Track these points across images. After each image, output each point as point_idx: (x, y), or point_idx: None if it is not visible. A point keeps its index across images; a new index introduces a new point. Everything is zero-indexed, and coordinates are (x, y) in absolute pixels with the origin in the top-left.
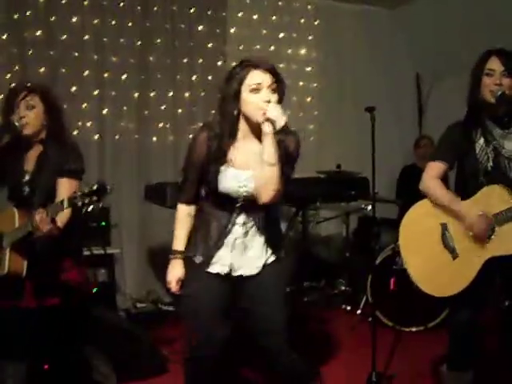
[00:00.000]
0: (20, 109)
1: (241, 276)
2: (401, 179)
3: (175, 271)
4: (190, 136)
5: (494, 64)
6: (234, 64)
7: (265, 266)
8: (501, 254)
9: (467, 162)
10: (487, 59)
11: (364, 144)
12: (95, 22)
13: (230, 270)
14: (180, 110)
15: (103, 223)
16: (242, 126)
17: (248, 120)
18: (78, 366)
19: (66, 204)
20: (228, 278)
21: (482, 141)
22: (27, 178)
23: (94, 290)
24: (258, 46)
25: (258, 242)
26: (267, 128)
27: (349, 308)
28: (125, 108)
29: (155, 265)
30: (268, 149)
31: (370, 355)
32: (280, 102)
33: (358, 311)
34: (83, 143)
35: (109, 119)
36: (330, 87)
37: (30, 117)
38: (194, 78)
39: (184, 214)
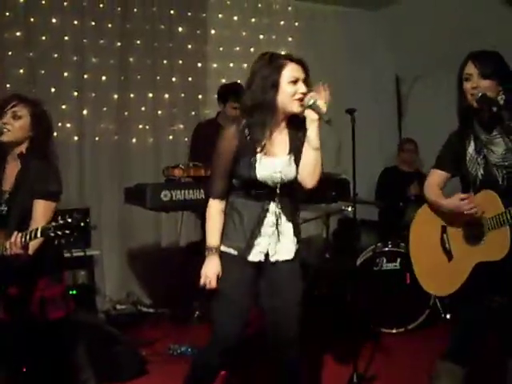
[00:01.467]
0: (6, 116)
1: (276, 261)
2: (381, 181)
3: (214, 267)
4: (170, 137)
5: (470, 68)
6: (214, 65)
7: (296, 252)
8: (487, 260)
9: (463, 170)
10: (464, 65)
11: (344, 146)
12: (75, 23)
13: (266, 257)
14: (160, 112)
15: (82, 224)
16: (275, 115)
17: (279, 110)
18: (57, 370)
19: (39, 233)
20: (262, 265)
21: (471, 149)
22: (6, 196)
23: (73, 292)
24: (237, 48)
25: (288, 228)
26: (313, 115)
27: (330, 309)
28: (104, 109)
29: (135, 267)
30: (314, 134)
31: (351, 357)
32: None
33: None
34: (62, 145)
35: (88, 120)
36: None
37: (14, 126)
38: (173, 79)
39: (217, 210)
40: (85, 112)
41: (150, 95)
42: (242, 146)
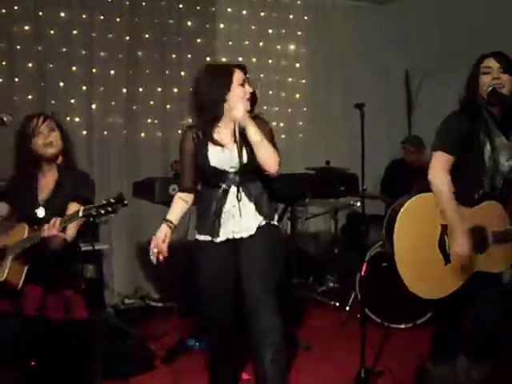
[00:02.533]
0: (43, 132)
1: (241, 238)
2: (388, 173)
3: (160, 233)
4: (179, 131)
5: (491, 62)
6: (223, 59)
7: (258, 228)
8: (488, 271)
9: (471, 159)
10: (482, 60)
11: (353, 140)
12: (84, 17)
13: (233, 235)
14: (168, 106)
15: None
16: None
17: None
18: (65, 366)
19: (81, 213)
20: (232, 243)
21: (489, 147)
22: (42, 202)
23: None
24: (246, 42)
25: (250, 208)
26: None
27: (337, 304)
28: (113, 103)
29: (143, 261)
30: (248, 132)
31: (359, 352)
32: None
33: (347, 308)
34: (71, 139)
35: (97, 115)
36: (319, 83)
37: (54, 137)
38: (182, 73)
39: (180, 198)
40: (93, 106)
41: (159, 89)
42: (198, 143)
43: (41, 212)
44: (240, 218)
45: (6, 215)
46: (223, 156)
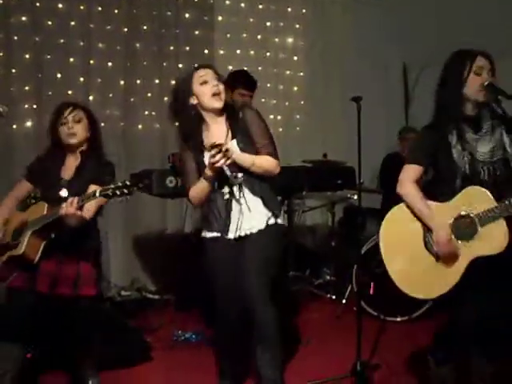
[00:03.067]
0: (68, 122)
1: (246, 235)
2: (384, 167)
3: None
4: (176, 124)
5: (482, 63)
6: (221, 52)
7: (267, 226)
8: (485, 254)
9: (444, 165)
10: (474, 58)
11: (350, 133)
12: (81, 8)
13: (245, 231)
14: (166, 98)
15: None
16: (206, 115)
17: (206, 110)
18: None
19: (98, 193)
20: (239, 240)
21: (458, 145)
22: (64, 183)
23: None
24: (244, 35)
25: (257, 203)
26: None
27: (334, 297)
28: (111, 95)
29: (140, 253)
30: (240, 162)
31: (355, 344)
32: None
33: (343, 301)
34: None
35: (94, 106)
36: (317, 76)
37: (78, 128)
38: (180, 65)
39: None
40: (91, 98)
41: (157, 81)
42: (193, 152)
43: (63, 193)
44: (250, 214)
45: (26, 195)
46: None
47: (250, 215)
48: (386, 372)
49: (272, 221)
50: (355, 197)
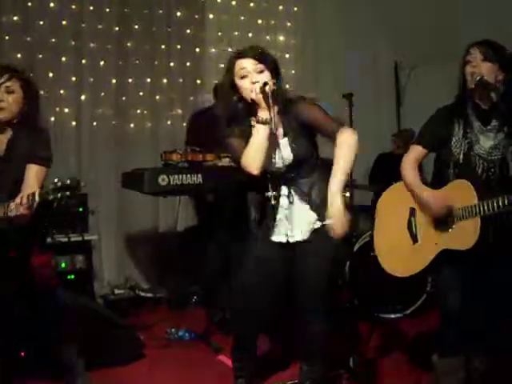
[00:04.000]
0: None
1: (296, 242)
2: (376, 166)
3: None
4: (169, 122)
5: (474, 52)
6: (212, 50)
7: (313, 231)
8: (454, 248)
9: (443, 149)
10: (468, 50)
11: None
12: (73, 7)
13: (287, 238)
14: (158, 97)
15: (80, 209)
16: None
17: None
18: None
19: (37, 197)
20: (287, 246)
21: (460, 133)
22: None
23: (71, 277)
24: (236, 33)
25: (303, 209)
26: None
27: None
28: (102, 94)
29: (133, 251)
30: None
31: (349, 341)
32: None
33: None
34: (60, 130)
35: (86, 106)
36: (308, 74)
37: (9, 101)
38: (172, 64)
39: None
40: (83, 97)
41: (148, 80)
42: (240, 137)
43: None
44: (292, 222)
45: None
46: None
47: (294, 223)
48: (379, 368)
49: (318, 224)
50: (347, 194)
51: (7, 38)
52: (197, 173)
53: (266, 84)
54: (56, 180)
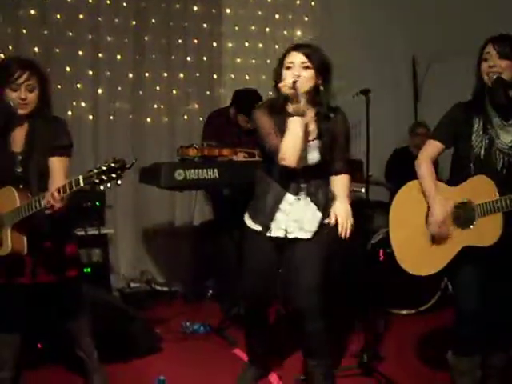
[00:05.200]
0: (21, 91)
1: (295, 238)
2: (391, 162)
3: None
4: (185, 117)
5: (489, 48)
6: (229, 45)
7: (316, 231)
8: (476, 245)
9: (462, 145)
10: (484, 46)
11: (359, 126)
12: (90, 1)
13: (286, 233)
14: (175, 91)
15: (98, 203)
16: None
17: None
18: (62, 340)
19: (81, 182)
20: (283, 241)
21: (480, 128)
22: (19, 158)
23: (88, 270)
24: (253, 27)
25: (310, 208)
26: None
27: None
28: (119, 88)
29: (149, 245)
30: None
31: (361, 337)
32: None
33: None
34: (77, 124)
35: (103, 100)
36: None
37: (31, 98)
38: (188, 58)
39: None
40: (100, 91)
41: (165, 74)
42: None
43: (19, 171)
44: (295, 218)
45: None
46: None
47: (297, 220)
48: (391, 365)
49: (320, 226)
50: (363, 190)
51: (24, 31)
52: (213, 168)
53: (296, 81)
54: (101, 164)
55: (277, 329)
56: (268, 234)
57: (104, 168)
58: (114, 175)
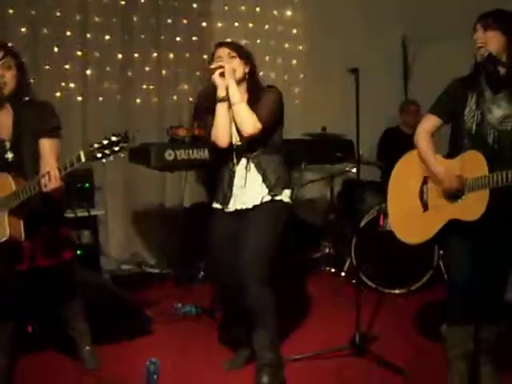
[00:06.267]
0: None
1: (242, 209)
2: (383, 141)
3: None
4: (175, 97)
5: (477, 27)
6: (219, 24)
7: (262, 202)
8: (461, 219)
9: (457, 121)
10: (474, 27)
11: (349, 106)
12: None
13: (241, 206)
14: (164, 72)
15: (87, 185)
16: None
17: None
18: (54, 321)
19: (83, 158)
20: (239, 213)
21: (473, 103)
22: (8, 145)
23: (78, 252)
24: (243, 7)
25: (257, 178)
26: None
27: (333, 270)
28: (108, 69)
29: (139, 227)
30: (230, 91)
31: (354, 317)
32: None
33: (342, 273)
34: (66, 105)
35: (92, 80)
36: (316, 49)
37: (8, 77)
38: (178, 38)
39: None
40: (88, 72)
41: (154, 55)
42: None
43: (11, 157)
44: (246, 189)
45: None
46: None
47: (247, 190)
48: (384, 344)
49: (267, 198)
50: (354, 170)
51: (11, 11)
52: (203, 148)
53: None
54: (102, 138)
55: None
56: (227, 210)
57: (105, 142)
58: (116, 148)
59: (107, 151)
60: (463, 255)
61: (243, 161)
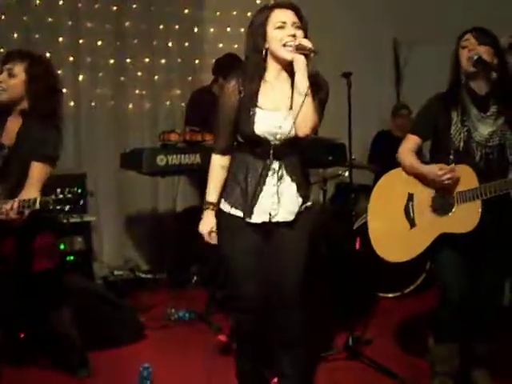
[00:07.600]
0: (2, 74)
1: (277, 222)
2: (374, 144)
3: (207, 223)
4: (167, 102)
5: (468, 36)
6: (211, 30)
7: (298, 212)
8: (453, 232)
9: (441, 138)
10: (462, 36)
11: (341, 110)
12: None
13: (270, 217)
14: (156, 77)
15: (79, 191)
16: (272, 66)
17: (277, 60)
18: (46, 329)
19: (37, 205)
20: (267, 227)
21: (458, 121)
22: (5, 151)
23: (70, 259)
24: (234, 12)
25: (291, 189)
26: (298, 57)
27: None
28: (100, 74)
29: (132, 232)
30: (300, 78)
31: (348, 320)
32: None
33: None
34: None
35: (84, 86)
36: None
37: (8, 84)
38: (170, 44)
39: (218, 164)
40: (81, 77)
41: (147, 60)
42: (241, 101)
43: (0, 163)
44: (279, 200)
45: None
46: (269, 122)
47: (281, 202)
48: (377, 347)
49: (302, 208)
50: (346, 173)
51: (3, 17)
52: (195, 153)
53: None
54: (59, 191)
55: None
56: (251, 220)
57: (61, 197)
58: (67, 207)
59: (59, 206)
60: (456, 269)
61: (275, 164)
